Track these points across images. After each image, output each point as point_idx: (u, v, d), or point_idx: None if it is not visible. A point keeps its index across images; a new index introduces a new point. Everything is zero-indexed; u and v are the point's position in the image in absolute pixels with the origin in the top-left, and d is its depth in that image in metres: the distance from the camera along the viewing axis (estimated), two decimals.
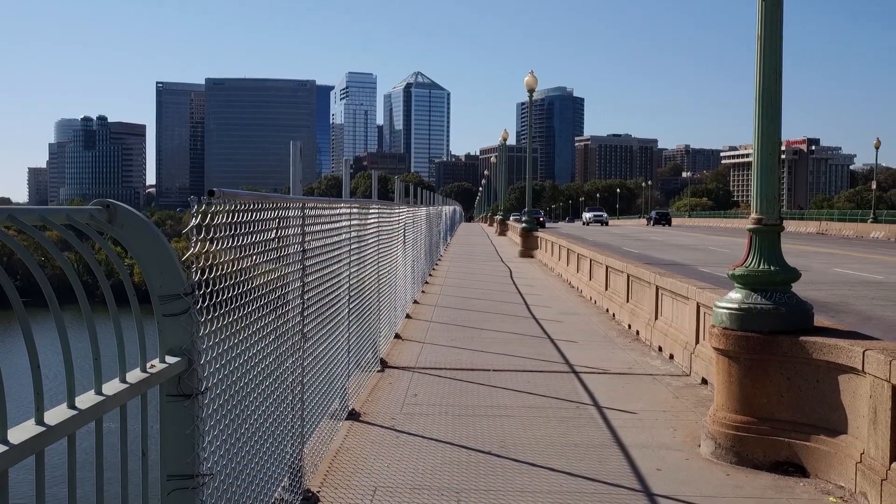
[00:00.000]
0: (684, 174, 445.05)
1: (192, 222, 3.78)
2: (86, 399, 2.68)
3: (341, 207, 8.54)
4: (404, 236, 16.61)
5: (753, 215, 7.98)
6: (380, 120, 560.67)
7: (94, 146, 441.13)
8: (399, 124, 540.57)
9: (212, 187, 4.02)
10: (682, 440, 8.31)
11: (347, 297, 8.92)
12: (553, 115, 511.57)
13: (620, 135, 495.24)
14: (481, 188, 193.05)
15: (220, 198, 4.03)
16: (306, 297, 6.44)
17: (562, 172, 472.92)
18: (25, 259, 2.48)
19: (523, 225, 43.16)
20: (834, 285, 22.22)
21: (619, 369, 12.05)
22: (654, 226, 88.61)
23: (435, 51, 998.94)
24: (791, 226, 66.38)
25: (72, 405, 2.60)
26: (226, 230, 4.19)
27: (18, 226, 2.53)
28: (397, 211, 15.45)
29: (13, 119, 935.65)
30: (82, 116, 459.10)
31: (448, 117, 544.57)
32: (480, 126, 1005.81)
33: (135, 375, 3.01)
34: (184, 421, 3.41)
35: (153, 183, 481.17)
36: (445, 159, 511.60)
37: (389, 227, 13.59)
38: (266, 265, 5.19)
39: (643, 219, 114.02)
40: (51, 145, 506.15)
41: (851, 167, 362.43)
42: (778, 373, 7.48)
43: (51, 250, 2.78)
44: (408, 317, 17.08)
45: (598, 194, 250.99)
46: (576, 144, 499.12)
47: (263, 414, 5.04)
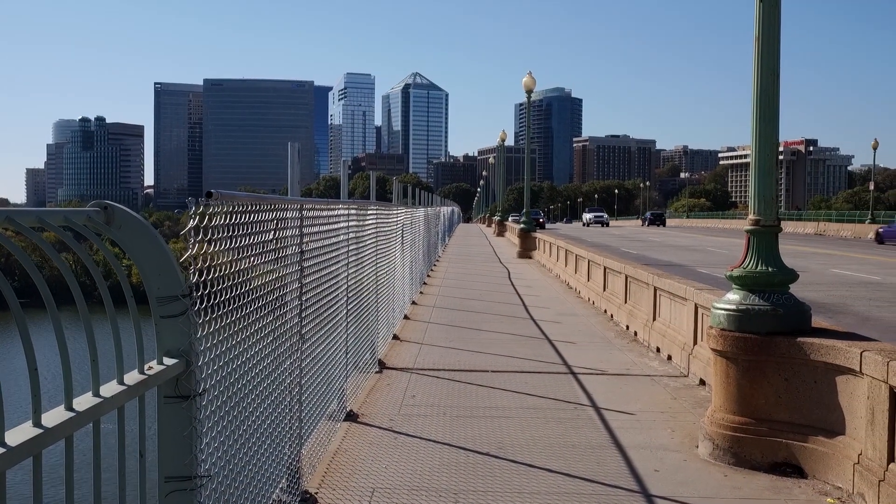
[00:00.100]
0: (682, 175, 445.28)
1: (190, 224, 3.78)
2: (83, 401, 2.68)
3: (339, 209, 8.54)
4: (402, 237, 16.61)
5: (751, 216, 7.99)
6: (378, 121, 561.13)
7: (93, 147, 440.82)
8: (397, 125, 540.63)
9: (210, 188, 4.02)
10: (680, 441, 8.31)
11: (345, 298, 8.92)
12: (551, 115, 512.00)
13: (618, 136, 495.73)
14: (479, 189, 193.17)
15: (217, 199, 4.03)
16: (304, 298, 6.44)
17: (560, 173, 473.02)
18: (23, 261, 2.48)
19: (521, 226, 43.14)
20: (832, 286, 22.24)
21: (617, 370, 12.05)
22: (648, 226, 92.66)
23: (433, 52, 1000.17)
24: (789, 226, 66.46)
25: (69, 407, 2.59)
26: (223, 232, 4.19)
27: (16, 227, 2.53)
28: (395, 212, 15.45)
29: (11, 120, 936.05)
30: (80, 117, 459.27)
31: (446, 118, 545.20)
32: (479, 127, 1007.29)
33: (132, 377, 3.01)
34: (181, 422, 3.41)
35: (151, 184, 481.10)
36: (444, 160, 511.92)
37: (387, 229, 13.59)
38: (264, 267, 5.19)
39: (640, 219, 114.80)
40: (49, 146, 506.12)
41: (849, 168, 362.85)
42: (776, 374, 7.48)
43: (48, 252, 2.78)
44: (406, 318, 17.08)
45: (596, 195, 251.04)
46: (574, 145, 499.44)
47: (261, 415, 5.04)
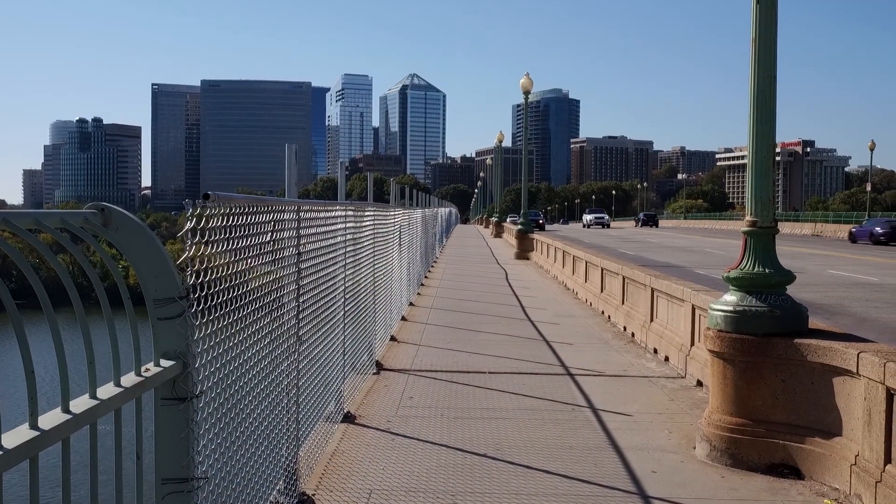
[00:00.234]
0: (680, 176, 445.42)
1: (187, 226, 3.78)
2: (80, 403, 2.67)
3: (336, 210, 8.55)
4: (400, 239, 16.61)
5: (748, 218, 7.99)
6: (375, 122, 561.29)
7: (90, 148, 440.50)
8: (395, 126, 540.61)
9: (207, 189, 4.02)
10: (678, 442, 8.31)
11: (343, 299, 8.92)
12: (549, 116, 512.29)
13: (616, 136, 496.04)
14: (477, 190, 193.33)
15: (214, 201, 4.03)
16: (301, 299, 6.44)
17: (557, 174, 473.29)
18: (20, 263, 2.48)
19: (519, 227, 43.13)
20: (829, 287, 22.27)
21: (615, 371, 12.05)
22: (641, 227, 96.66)
23: (430, 53, 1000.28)
24: (786, 227, 66.55)
25: (66, 409, 2.59)
26: (221, 233, 4.19)
27: (13, 229, 2.53)
28: (393, 213, 15.46)
29: (8, 121, 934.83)
30: (78, 118, 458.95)
31: (444, 119, 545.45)
32: (476, 128, 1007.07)
33: (129, 379, 3.01)
34: (178, 424, 3.41)
35: (148, 185, 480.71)
36: (441, 161, 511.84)
37: (385, 230, 13.60)
38: (261, 268, 5.19)
39: (634, 220, 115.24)
40: (46, 147, 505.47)
41: (846, 169, 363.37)
42: (773, 375, 7.49)
43: (46, 254, 2.78)
44: (403, 319, 17.08)
45: (593, 196, 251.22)
46: (571, 146, 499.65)
47: (259, 417, 5.04)
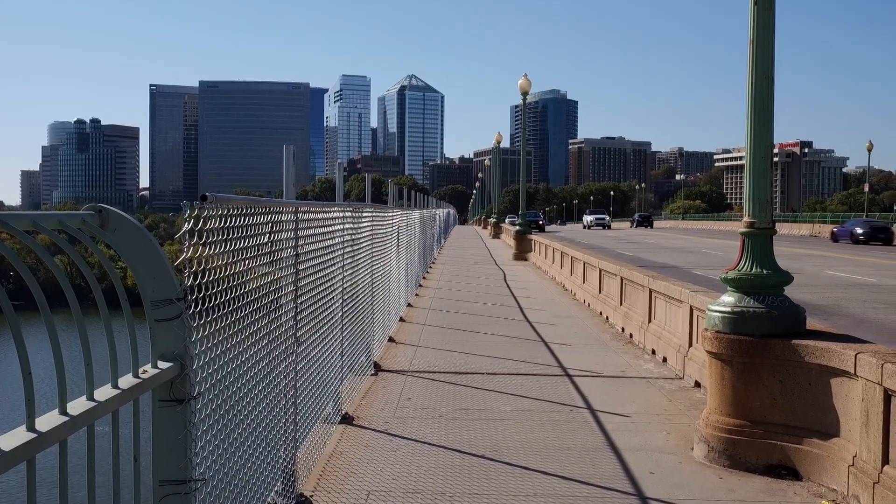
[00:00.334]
0: (678, 177, 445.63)
1: (185, 227, 3.77)
2: (77, 405, 2.67)
3: (334, 211, 8.54)
4: (398, 239, 16.61)
5: (746, 219, 8.00)
6: (374, 122, 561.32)
7: (88, 149, 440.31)
8: (393, 127, 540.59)
9: (205, 190, 4.02)
10: (676, 443, 8.32)
11: (341, 300, 8.92)
12: (547, 117, 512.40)
13: (614, 137, 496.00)
14: (475, 191, 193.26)
15: (212, 202, 4.03)
16: (299, 301, 6.44)
17: (555, 175, 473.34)
18: (17, 265, 2.48)
19: (517, 228, 43.13)
20: (827, 288, 22.30)
21: (613, 372, 12.06)
22: (637, 227, 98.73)
23: (429, 54, 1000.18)
24: (784, 228, 66.59)
25: (63, 411, 2.59)
26: (218, 235, 4.19)
27: (10, 231, 2.53)
28: (391, 214, 15.46)
29: (6, 121, 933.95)
30: (75, 119, 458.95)
31: (442, 120, 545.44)
32: (474, 129, 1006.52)
33: (127, 381, 3.00)
34: (176, 426, 3.40)
35: (147, 186, 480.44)
36: (439, 162, 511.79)
37: (383, 231, 13.59)
38: (259, 269, 5.19)
39: (629, 221, 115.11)
40: (44, 148, 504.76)
41: (844, 169, 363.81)
42: (770, 376, 7.49)
43: (43, 257, 2.78)
44: (402, 320, 17.08)
45: (591, 197, 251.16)
46: (569, 147, 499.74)
47: (256, 418, 5.04)
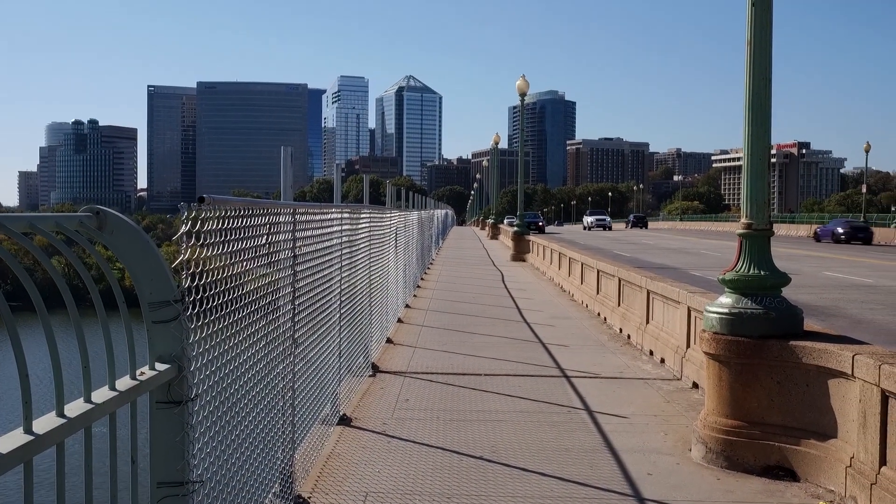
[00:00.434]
0: (676, 178, 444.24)
1: (182, 229, 3.77)
2: (75, 407, 2.67)
3: (332, 213, 8.54)
4: (396, 241, 16.61)
5: (743, 220, 8.01)
6: (372, 123, 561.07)
7: (86, 150, 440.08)
8: (391, 128, 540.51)
9: (203, 191, 4.03)
10: (673, 444, 8.32)
11: (339, 301, 8.92)
12: (545, 118, 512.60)
13: (612, 138, 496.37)
14: (473, 192, 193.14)
15: (210, 204, 4.03)
16: (297, 302, 6.44)
17: (553, 176, 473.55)
18: (14, 268, 2.48)
19: (515, 229, 43.13)
20: (824, 289, 22.32)
21: (611, 373, 12.06)
22: (631, 228, 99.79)
23: (427, 55, 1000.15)
24: (782, 229, 66.66)
25: (60, 413, 2.59)
26: (216, 236, 4.19)
27: (7, 233, 2.52)
28: (388, 215, 15.46)
29: (4, 122, 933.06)
30: (73, 120, 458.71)
31: (440, 121, 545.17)
32: (472, 130, 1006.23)
33: (124, 383, 3.00)
34: (174, 428, 3.40)
35: (144, 187, 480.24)
36: (437, 163, 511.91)
37: (381, 232, 13.59)
38: (257, 271, 5.19)
39: (624, 222, 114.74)
40: (41, 149, 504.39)
41: (842, 170, 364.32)
42: (768, 377, 7.50)
43: (40, 259, 2.78)
44: (399, 321, 17.08)
45: (589, 198, 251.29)
46: (567, 148, 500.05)
47: (254, 420, 5.04)
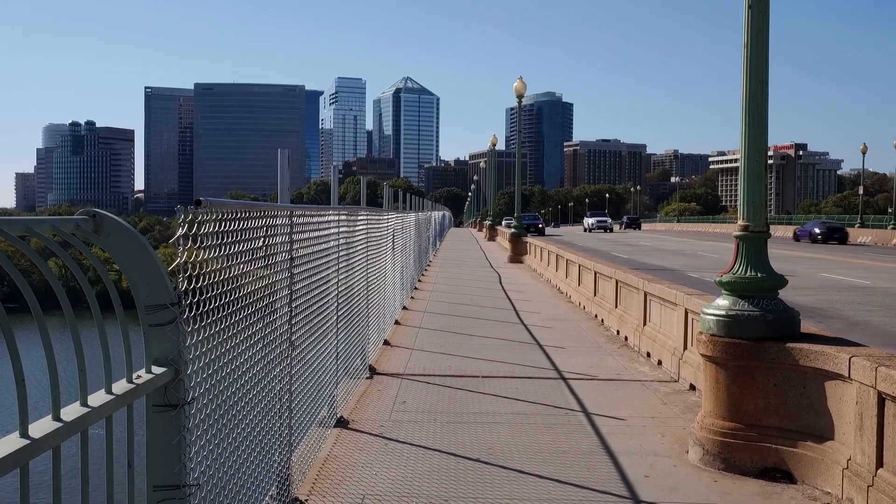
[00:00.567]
0: (673, 179, 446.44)
1: (179, 232, 3.77)
2: (71, 411, 2.66)
3: (329, 215, 8.54)
4: (393, 242, 16.61)
5: (740, 222, 8.02)
6: (369, 125, 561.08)
7: (83, 151, 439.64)
8: (388, 129, 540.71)
9: (200, 192, 4.10)
10: (671, 446, 8.32)
11: (336, 304, 8.91)
12: (542, 120, 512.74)
13: (609, 140, 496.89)
14: (471, 193, 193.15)
15: (206, 207, 4.03)
16: (294, 304, 6.43)
17: (551, 177, 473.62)
18: (10, 271, 2.47)
19: (512, 230, 43.13)
20: (821, 290, 22.34)
21: (608, 375, 12.06)
22: (625, 229, 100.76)
23: (424, 56, 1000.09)
24: (779, 230, 66.71)
25: (57, 417, 2.58)
26: (213, 239, 4.18)
27: (3, 236, 2.52)
28: (386, 217, 15.45)
29: (1, 124, 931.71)
30: (70, 121, 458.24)
31: (437, 122, 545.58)
32: (470, 131, 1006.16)
33: (121, 386, 3.00)
34: (170, 431, 3.40)
35: (142, 188, 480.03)
36: (435, 164, 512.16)
37: (378, 234, 13.59)
38: (254, 273, 5.18)
39: (619, 223, 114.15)
40: (39, 150, 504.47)
41: (839, 172, 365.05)
42: (765, 379, 7.51)
43: (36, 262, 2.77)
44: (397, 323, 17.07)
45: (587, 199, 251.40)
46: (565, 149, 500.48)
47: (251, 423, 5.03)
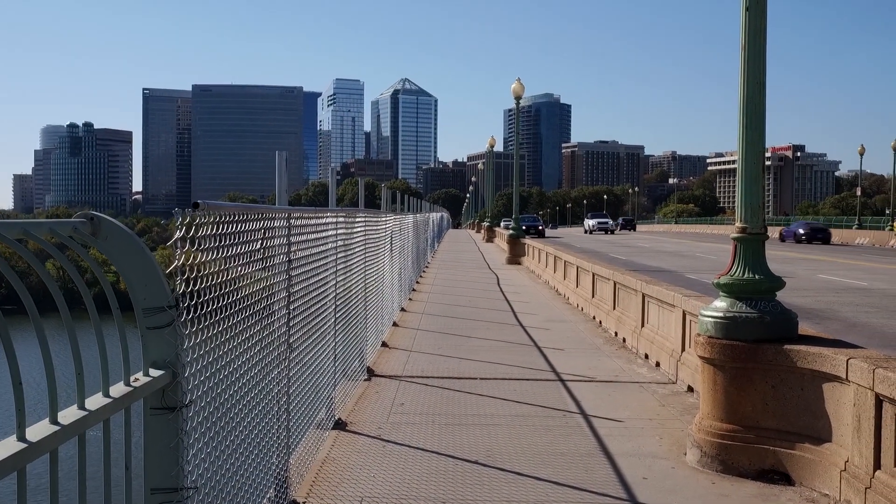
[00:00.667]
0: (671, 180, 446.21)
1: (177, 235, 3.77)
2: (68, 414, 2.66)
3: (327, 217, 8.54)
4: (391, 244, 16.61)
5: (738, 224, 8.02)
6: (367, 126, 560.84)
7: (80, 153, 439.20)
8: (386, 131, 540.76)
9: (199, 194, 4.10)
10: (669, 448, 8.33)
11: (334, 306, 8.91)
12: (540, 121, 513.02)
13: (607, 141, 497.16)
14: (469, 195, 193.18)
15: (204, 209, 4.02)
16: (292, 306, 6.43)
17: (549, 179, 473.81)
18: (7, 275, 2.47)
19: (510, 232, 43.14)
20: (819, 292, 22.36)
21: (606, 377, 12.07)
22: (620, 230, 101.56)
23: (422, 57, 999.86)
24: (777, 232, 66.75)
25: (54, 420, 2.58)
26: (211, 242, 4.18)
27: (0, 240, 2.52)
28: (384, 219, 15.45)
29: None
30: (68, 123, 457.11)
31: (435, 124, 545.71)
32: (468, 133, 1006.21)
33: (118, 389, 3.00)
34: (168, 434, 3.40)
35: (140, 189, 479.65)
36: (433, 166, 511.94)
37: (376, 236, 13.59)
38: (252, 275, 5.18)
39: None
40: (36, 152, 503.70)
41: (836, 173, 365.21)
42: (763, 381, 7.51)
43: (34, 265, 2.78)
44: (395, 325, 17.07)
45: (585, 201, 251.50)
46: (563, 151, 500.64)
47: (249, 425, 5.03)
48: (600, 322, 17.74)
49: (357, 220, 11.07)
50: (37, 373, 4.54)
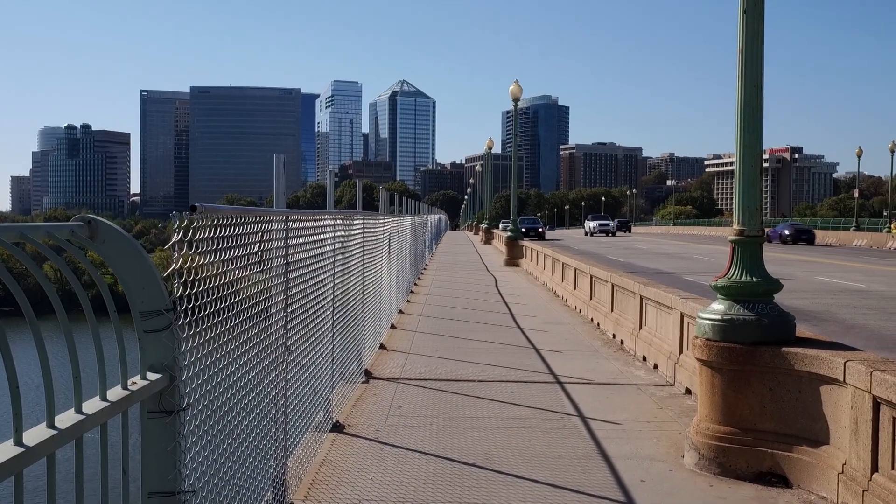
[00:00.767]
0: (669, 182, 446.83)
1: (174, 238, 3.77)
2: (66, 418, 2.66)
3: (325, 219, 8.54)
4: (389, 246, 16.61)
5: (735, 226, 8.03)
6: (365, 128, 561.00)
7: (78, 154, 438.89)
8: (384, 132, 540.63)
9: (196, 196, 4.10)
10: (666, 451, 8.33)
11: (331, 308, 8.91)
12: (538, 123, 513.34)
13: (605, 143, 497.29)
14: (467, 196, 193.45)
15: (201, 213, 4.02)
16: (290, 309, 6.43)
17: (547, 181, 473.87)
18: (4, 278, 2.47)
19: (508, 234, 43.14)
20: (817, 294, 22.38)
21: (604, 379, 12.07)
22: (616, 232, 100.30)
23: (420, 59, 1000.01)
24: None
25: (51, 425, 2.58)
26: (208, 245, 4.18)
27: None
28: (382, 221, 15.45)
29: None
30: (66, 125, 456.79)
31: (433, 126, 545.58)
32: (466, 134, 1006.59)
33: (115, 393, 2.99)
34: (165, 438, 3.39)
35: (137, 191, 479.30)
36: (431, 168, 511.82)
37: (374, 238, 13.59)
38: (249, 279, 5.18)
39: None
40: (34, 154, 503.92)
41: (834, 175, 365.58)
42: (760, 384, 7.52)
43: (32, 270, 2.77)
44: (393, 327, 17.06)
45: (583, 202, 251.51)
46: (561, 153, 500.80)
47: (246, 428, 5.03)
48: (598, 324, 17.74)
49: (355, 222, 11.07)
50: (34, 376, 4.53)
